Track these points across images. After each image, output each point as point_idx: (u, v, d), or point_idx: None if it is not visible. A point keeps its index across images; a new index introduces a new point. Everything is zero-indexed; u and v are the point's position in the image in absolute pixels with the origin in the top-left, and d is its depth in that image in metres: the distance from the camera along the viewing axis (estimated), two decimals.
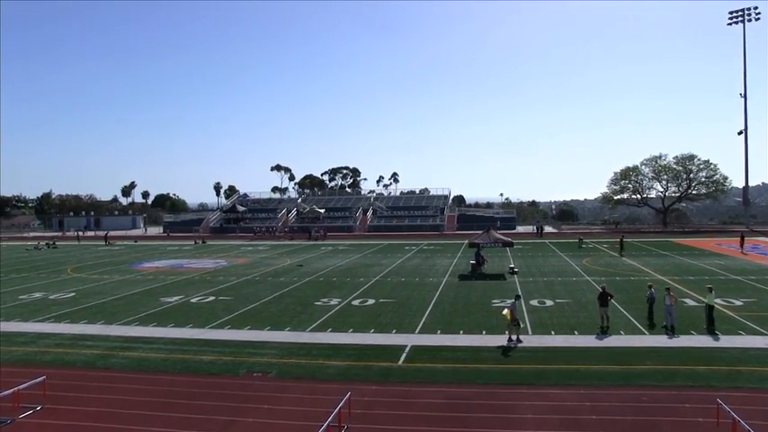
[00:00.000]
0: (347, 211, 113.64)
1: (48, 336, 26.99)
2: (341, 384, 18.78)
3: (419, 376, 19.76)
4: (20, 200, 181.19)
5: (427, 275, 44.47)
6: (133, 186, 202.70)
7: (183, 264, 56.48)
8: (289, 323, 28.34)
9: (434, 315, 29.70)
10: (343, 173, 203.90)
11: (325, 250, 68.86)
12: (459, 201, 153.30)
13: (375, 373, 20.20)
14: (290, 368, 21.08)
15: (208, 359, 22.44)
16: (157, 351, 23.82)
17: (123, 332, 27.32)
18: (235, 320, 29.29)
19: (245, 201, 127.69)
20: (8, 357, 23.50)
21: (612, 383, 18.54)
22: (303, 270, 49.35)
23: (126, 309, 32.88)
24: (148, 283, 43.40)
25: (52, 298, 37.31)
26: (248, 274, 47.50)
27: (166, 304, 34.05)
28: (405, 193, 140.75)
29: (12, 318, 31.22)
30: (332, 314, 30.35)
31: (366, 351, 23.09)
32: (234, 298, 35.67)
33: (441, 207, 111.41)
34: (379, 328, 27.03)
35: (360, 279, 43.03)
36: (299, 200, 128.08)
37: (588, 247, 66.29)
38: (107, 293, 38.48)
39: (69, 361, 22.77)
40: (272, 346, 24.05)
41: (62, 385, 19.45)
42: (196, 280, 44.47)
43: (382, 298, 34.74)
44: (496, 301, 32.70)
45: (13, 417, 16.88)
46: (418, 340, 24.62)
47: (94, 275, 48.38)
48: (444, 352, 22.70)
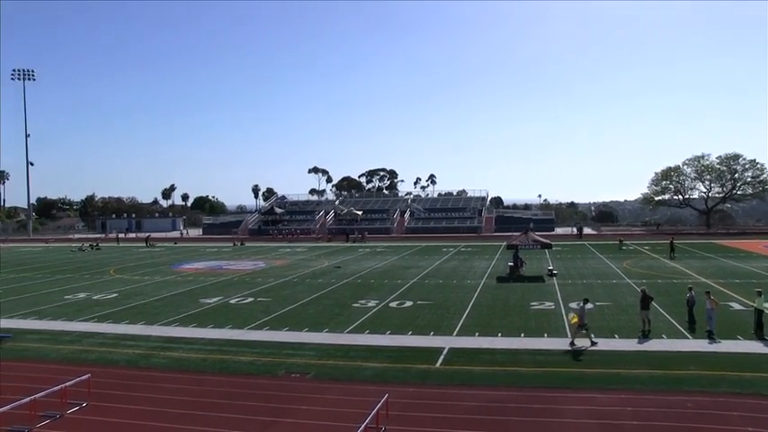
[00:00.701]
0: (384, 212, 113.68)
1: (92, 335, 27.51)
2: (378, 386, 18.77)
3: (457, 379, 19.66)
4: (65, 202, 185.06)
5: (465, 277, 44.28)
6: (173, 189, 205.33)
7: (223, 265, 57.08)
8: (326, 325, 28.44)
9: (472, 317, 29.55)
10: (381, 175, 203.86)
11: (363, 252, 69.01)
12: (496, 202, 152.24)
13: (413, 376, 20.15)
14: (328, 369, 21.14)
15: (247, 360, 22.62)
16: (197, 351, 24.10)
17: (164, 332, 27.71)
18: (273, 322, 29.50)
19: (283, 203, 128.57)
20: (55, 355, 24.08)
21: (655, 388, 18.15)
22: (341, 272, 49.52)
23: (166, 309, 33.34)
24: (188, 284, 43.95)
25: (96, 298, 38.01)
26: (286, 275, 47.81)
27: (206, 305, 34.43)
28: (442, 194, 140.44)
29: (58, 317, 31.89)
30: (369, 316, 30.39)
31: (404, 353, 23.05)
32: (272, 299, 35.92)
33: (478, 209, 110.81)
34: (417, 330, 26.98)
35: (397, 281, 43.01)
36: (337, 202, 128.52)
37: (629, 248, 65.36)
38: (148, 294, 39.07)
39: (112, 360, 23.17)
40: (310, 348, 24.15)
41: (106, 383, 19.80)
42: (235, 281, 44.90)
43: (420, 300, 34.68)
44: (535, 304, 32.44)
45: (62, 412, 17.29)
46: (456, 342, 24.51)
47: (136, 277, 49.16)
48: (482, 355, 22.56)
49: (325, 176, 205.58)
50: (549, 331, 26.06)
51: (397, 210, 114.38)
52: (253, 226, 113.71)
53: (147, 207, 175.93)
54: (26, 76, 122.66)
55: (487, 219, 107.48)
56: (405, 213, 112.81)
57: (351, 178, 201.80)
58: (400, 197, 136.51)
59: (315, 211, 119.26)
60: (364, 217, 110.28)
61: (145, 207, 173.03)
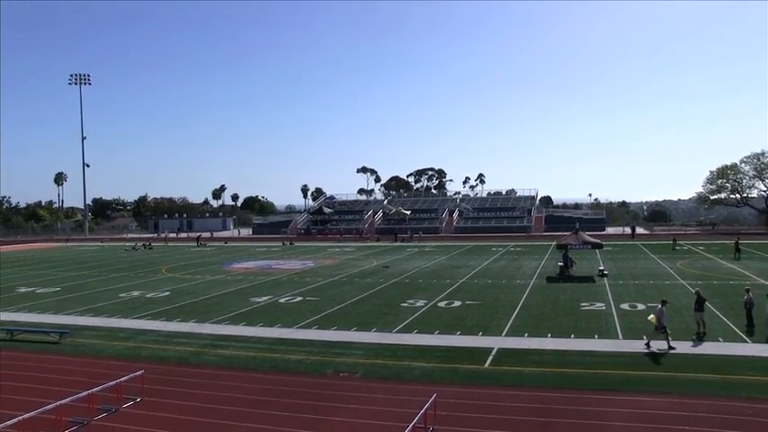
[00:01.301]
0: (433, 212, 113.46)
1: (145, 332, 28.15)
2: (426, 386, 18.79)
3: (506, 380, 19.56)
4: (119, 203, 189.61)
5: (514, 277, 43.98)
6: (223, 189, 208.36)
7: (272, 265, 57.74)
8: (375, 324, 28.57)
9: (521, 318, 29.35)
10: (429, 174, 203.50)
11: (411, 252, 69.03)
12: (546, 201, 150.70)
13: (461, 376, 20.13)
14: (377, 369, 21.25)
15: (296, 358, 22.87)
16: (247, 349, 24.46)
17: (215, 330, 28.19)
18: (322, 321, 29.75)
19: (332, 203, 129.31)
20: (111, 351, 24.75)
21: (710, 393, 17.65)
22: (389, 271, 49.64)
23: (217, 308, 33.90)
24: (238, 283, 44.59)
25: (149, 296, 38.86)
26: (335, 275, 48.13)
27: (256, 304, 34.90)
28: (491, 194, 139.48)
29: (113, 314, 32.72)
30: (418, 316, 30.42)
31: (452, 353, 23.04)
32: (321, 299, 36.22)
33: (528, 208, 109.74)
34: (466, 330, 26.92)
35: (446, 281, 42.94)
36: (385, 201, 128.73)
37: (682, 249, 64.01)
38: (199, 293, 39.78)
39: (165, 357, 23.69)
40: (359, 347, 24.30)
41: (158, 379, 20.29)
42: (284, 281, 45.38)
43: (468, 300, 34.57)
44: (585, 304, 32.05)
45: (117, 406, 17.80)
46: (505, 343, 24.38)
47: (187, 275, 50.08)
48: (531, 355, 22.40)
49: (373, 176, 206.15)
50: (600, 332, 25.72)
51: (445, 209, 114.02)
52: (302, 226, 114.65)
53: (198, 207, 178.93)
54: (82, 81, 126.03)
55: (537, 218, 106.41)
56: (453, 213, 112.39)
57: (399, 178, 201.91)
58: (449, 197, 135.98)
59: (363, 210, 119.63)
60: (412, 216, 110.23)
61: (196, 207, 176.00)
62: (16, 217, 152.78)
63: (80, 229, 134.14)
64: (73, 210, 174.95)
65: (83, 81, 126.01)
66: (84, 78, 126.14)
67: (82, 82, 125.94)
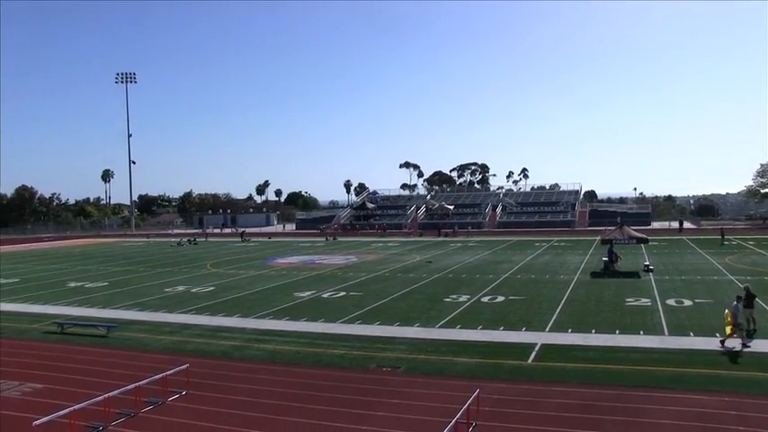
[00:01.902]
0: (476, 207, 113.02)
1: (190, 327, 28.54)
2: (469, 381, 18.69)
3: (549, 376, 19.34)
4: (164, 199, 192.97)
5: (558, 272, 43.52)
6: (267, 185, 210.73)
7: (315, 260, 58.07)
8: (418, 319, 28.52)
9: (565, 313, 29.02)
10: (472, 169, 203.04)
11: (454, 247, 68.81)
12: (590, 196, 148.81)
13: (504, 371, 19.97)
14: (419, 364, 21.21)
15: (339, 353, 22.94)
16: (290, 344, 24.62)
17: (258, 325, 28.44)
18: (365, 316, 29.80)
19: (375, 198, 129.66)
20: (156, 345, 25.14)
21: (761, 392, 17.14)
22: (432, 266, 49.54)
23: (261, 303, 34.20)
24: (282, 278, 44.93)
25: (194, 291, 39.41)
26: (378, 270, 48.20)
27: (299, 299, 35.11)
28: (535, 188, 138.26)
29: (159, 309, 33.25)
30: (461, 311, 30.29)
31: (495, 348, 22.88)
32: (364, 294, 36.30)
33: (571, 203, 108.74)
34: (509, 325, 26.71)
35: (489, 276, 42.69)
36: (428, 197, 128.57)
37: (731, 243, 62.61)
38: (243, 288, 40.18)
39: (209, 351, 23.98)
40: (402, 342, 24.28)
41: (203, 373, 20.52)
42: (327, 276, 45.60)
43: (512, 295, 34.32)
44: (630, 300, 31.56)
45: (163, 399, 18.05)
46: (548, 338, 24.12)
47: (231, 271, 50.65)
48: (575, 351, 22.11)
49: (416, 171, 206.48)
50: (646, 328, 25.27)
51: (488, 204, 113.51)
52: (345, 221, 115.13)
53: (242, 203, 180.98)
54: (128, 79, 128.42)
55: (581, 213, 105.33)
56: (497, 208, 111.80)
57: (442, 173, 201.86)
58: (492, 191, 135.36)
59: (406, 205, 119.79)
60: (455, 212, 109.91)
61: (239, 203, 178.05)
62: (66, 213, 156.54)
63: (127, 225, 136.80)
64: (120, 206, 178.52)
65: (129, 79, 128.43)
66: (130, 77, 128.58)
67: (128, 80, 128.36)
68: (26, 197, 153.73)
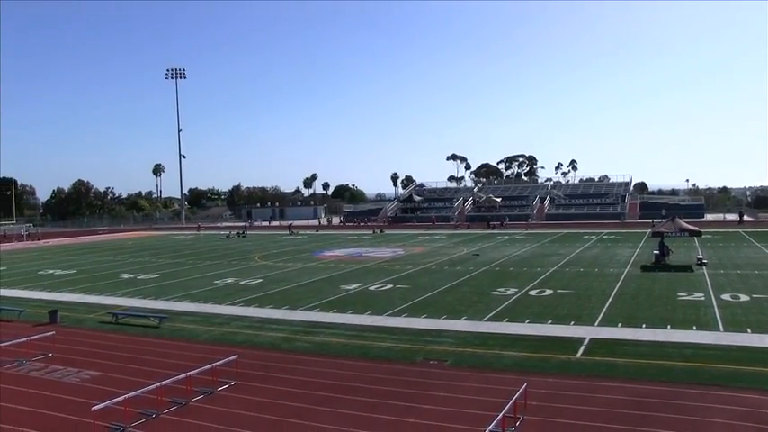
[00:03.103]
0: (524, 199, 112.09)
1: (239, 318, 28.96)
2: (517, 375, 18.59)
3: (598, 370, 19.09)
4: (213, 193, 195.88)
5: (607, 266, 42.88)
6: (314, 178, 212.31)
7: (362, 252, 58.27)
8: (465, 312, 28.44)
9: (615, 307, 28.58)
10: (520, 161, 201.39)
11: (502, 239, 68.36)
12: (641, 188, 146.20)
13: (552, 365, 19.79)
14: (466, 357, 21.16)
15: (385, 346, 23.02)
16: (338, 336, 24.78)
17: (306, 317, 28.69)
18: (411, 308, 29.82)
19: (422, 190, 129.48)
20: (206, 336, 25.60)
21: None
22: (479, 259, 49.29)
23: (308, 295, 34.48)
24: (329, 270, 45.22)
25: (242, 283, 39.93)
26: (425, 262, 48.15)
27: (346, 291, 35.31)
28: (583, 180, 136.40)
29: (209, 300, 33.80)
30: (508, 304, 30.09)
31: (543, 342, 22.68)
32: (411, 286, 36.31)
33: (621, 195, 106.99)
34: (557, 319, 26.44)
35: (537, 269, 42.31)
36: (475, 189, 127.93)
37: None
38: (291, 280, 40.55)
39: (258, 342, 24.30)
40: (448, 335, 24.24)
41: (252, 364, 20.82)
42: (374, 268, 45.74)
43: (560, 288, 33.95)
44: (682, 294, 30.93)
45: (213, 389, 18.40)
46: (598, 333, 23.81)
47: (279, 263, 51.16)
48: (625, 346, 21.75)
49: (463, 163, 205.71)
50: (699, 324, 24.73)
51: (536, 196, 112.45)
52: (392, 214, 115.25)
53: (290, 196, 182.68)
54: (178, 75, 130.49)
55: (631, 205, 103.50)
56: (545, 200, 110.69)
57: (489, 165, 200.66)
58: (540, 183, 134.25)
59: (453, 198, 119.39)
60: (503, 204, 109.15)
61: (287, 196, 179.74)
62: (119, 207, 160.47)
63: (177, 218, 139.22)
64: (170, 200, 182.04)
65: (178, 75, 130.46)
66: (180, 72, 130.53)
67: (177, 76, 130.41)
68: (82, 191, 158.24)
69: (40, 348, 23.47)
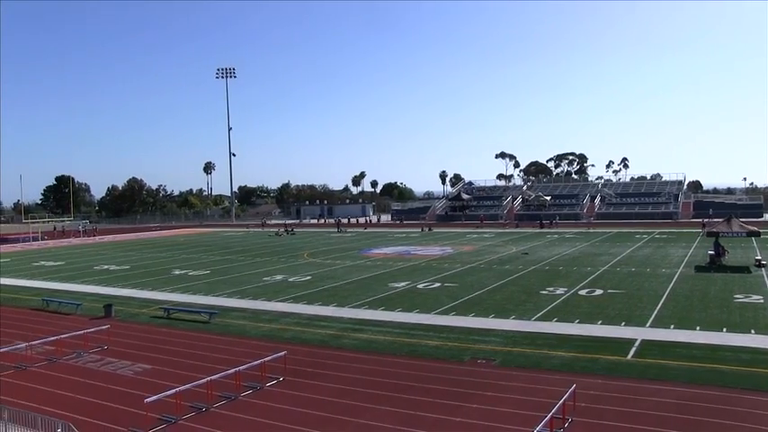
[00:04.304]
0: (574, 198, 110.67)
1: (287, 315, 29.22)
2: (565, 376, 18.38)
3: (649, 373, 18.71)
4: (263, 190, 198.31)
5: (659, 266, 42.04)
6: (363, 176, 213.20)
7: (410, 251, 58.24)
8: (513, 311, 28.22)
9: (667, 308, 28.01)
10: (569, 159, 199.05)
11: (551, 238, 67.62)
12: (695, 186, 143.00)
13: (602, 367, 19.50)
14: (515, 357, 21.00)
15: (433, 344, 22.98)
16: (385, 334, 24.84)
17: (354, 314, 28.81)
18: (460, 307, 29.70)
19: (471, 189, 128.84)
20: (256, 332, 25.91)
21: None
22: (528, 258, 48.84)
23: (356, 292, 34.62)
24: (377, 268, 45.32)
25: (291, 280, 40.28)
26: (473, 261, 47.91)
27: (394, 289, 35.34)
28: (635, 178, 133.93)
29: (258, 297, 34.20)
30: (557, 304, 29.75)
31: (592, 343, 22.35)
32: (459, 285, 36.16)
33: (674, 193, 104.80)
34: (607, 319, 26.04)
35: (587, 268, 41.73)
36: (524, 187, 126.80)
37: None
38: (339, 278, 40.77)
39: (306, 339, 24.50)
40: (497, 334, 24.09)
41: (300, 360, 21.02)
42: (422, 266, 45.67)
43: (610, 288, 33.43)
44: (739, 297, 30.13)
45: (261, 384, 18.67)
46: (649, 334, 23.36)
47: (328, 261, 51.46)
48: (678, 349, 21.28)
49: (512, 161, 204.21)
50: (757, 327, 24.01)
51: (587, 195, 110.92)
52: (440, 212, 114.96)
53: (338, 194, 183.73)
54: (228, 74, 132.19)
55: (684, 204, 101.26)
56: (595, 199, 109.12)
57: (539, 163, 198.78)
58: (590, 182, 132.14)
59: (502, 196, 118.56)
60: (553, 202, 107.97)
61: (336, 194, 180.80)
62: (171, 204, 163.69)
63: (227, 216, 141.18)
64: (221, 197, 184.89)
65: (229, 74, 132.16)
66: (230, 72, 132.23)
67: (228, 75, 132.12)
68: (136, 189, 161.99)
69: (96, 341, 24.23)
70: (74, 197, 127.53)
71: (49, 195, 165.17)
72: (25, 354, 22.65)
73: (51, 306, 33.01)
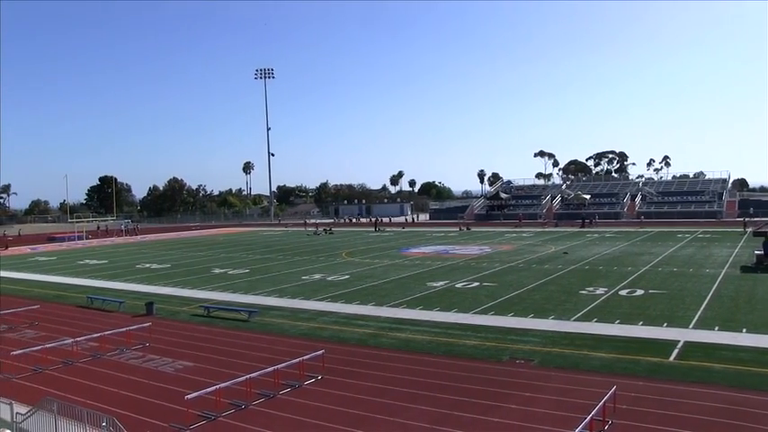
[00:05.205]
0: (613, 197, 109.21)
1: (326, 314, 29.35)
2: (605, 377, 18.13)
3: (693, 376, 18.32)
4: (301, 190, 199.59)
5: (703, 266, 41.23)
6: (401, 175, 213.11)
7: (449, 250, 58.03)
8: (552, 311, 27.94)
9: (711, 309, 27.44)
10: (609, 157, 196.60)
11: (591, 237, 66.80)
12: (740, 185, 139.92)
13: (643, 368, 19.19)
14: (554, 357, 20.80)
15: (471, 344, 22.87)
16: (423, 333, 24.79)
17: (392, 314, 28.81)
18: (498, 307, 29.51)
19: (509, 188, 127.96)
20: (294, 331, 26.08)
21: None
22: (568, 258, 48.32)
23: (394, 292, 34.61)
24: (415, 267, 45.25)
25: (329, 279, 40.45)
26: (512, 260, 47.56)
27: (432, 289, 35.25)
28: (677, 177, 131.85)
29: (296, 296, 34.40)
30: (597, 304, 29.37)
31: (633, 344, 22.01)
32: (497, 284, 35.93)
33: (718, 192, 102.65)
34: (648, 320, 25.61)
35: (627, 268, 41.13)
36: (564, 186, 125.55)
37: None
38: (377, 277, 40.81)
39: (344, 338, 24.58)
40: (535, 334, 23.88)
41: (338, 359, 21.10)
42: (461, 266, 45.49)
43: (652, 289, 32.88)
44: None
45: (300, 383, 18.81)
46: (692, 336, 22.90)
47: (366, 260, 51.55)
48: (723, 351, 20.81)
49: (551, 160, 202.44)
50: None
51: (627, 194, 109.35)
52: (479, 211, 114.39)
53: (376, 193, 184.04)
54: (267, 75, 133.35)
55: (729, 203, 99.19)
56: (636, 197, 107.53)
57: (578, 161, 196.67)
58: (631, 180, 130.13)
59: (541, 195, 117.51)
60: (592, 201, 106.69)
61: (374, 193, 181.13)
62: (210, 204, 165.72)
63: (266, 215, 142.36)
64: (260, 196, 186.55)
65: (267, 75, 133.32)
66: (268, 72, 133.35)
67: (266, 76, 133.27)
68: (176, 189, 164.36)
69: (138, 338, 24.67)
70: (116, 197, 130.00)
71: (93, 195, 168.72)
72: (71, 349, 23.25)
73: (95, 303, 33.71)
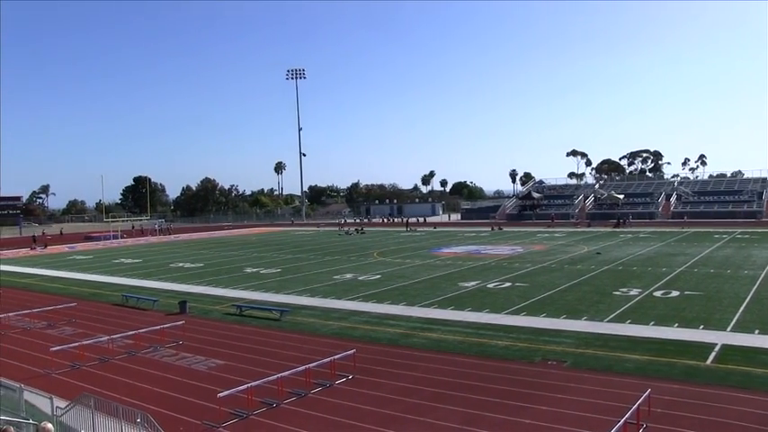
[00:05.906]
0: (648, 196, 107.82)
1: (357, 313, 29.38)
2: (639, 380, 17.85)
3: (730, 380, 17.93)
4: (333, 190, 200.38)
5: (741, 267, 40.44)
6: (432, 175, 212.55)
7: (480, 250, 57.77)
8: (585, 312, 27.63)
9: (751, 312, 26.84)
10: (643, 156, 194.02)
11: (625, 238, 66.02)
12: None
13: (678, 372, 18.84)
14: (586, 359, 20.55)
15: (503, 344, 22.71)
16: (455, 333, 24.69)
17: (423, 314, 28.73)
18: (530, 307, 29.28)
19: (541, 187, 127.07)
20: (326, 330, 26.15)
21: None
22: (601, 258, 47.78)
23: (425, 292, 34.53)
24: (447, 267, 45.10)
25: (361, 279, 40.49)
26: (544, 261, 47.18)
27: (463, 289, 35.10)
28: (713, 176, 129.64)
29: (328, 295, 34.49)
30: (631, 305, 28.98)
31: (668, 346, 21.65)
32: (530, 285, 35.66)
33: (758, 191, 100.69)
34: (684, 322, 25.17)
35: (662, 269, 40.54)
36: (597, 185, 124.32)
37: None
38: (408, 277, 40.74)
39: (375, 337, 24.58)
40: (568, 335, 23.64)
41: (369, 359, 21.11)
42: (492, 266, 45.24)
43: (687, 290, 32.35)
44: None
45: (331, 382, 18.86)
46: (730, 339, 22.42)
47: (397, 260, 51.51)
48: (763, 355, 20.31)
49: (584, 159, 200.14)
50: None
51: (662, 193, 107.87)
52: (510, 211, 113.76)
53: (407, 193, 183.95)
54: (298, 75, 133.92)
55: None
56: (671, 197, 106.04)
57: (611, 161, 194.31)
58: (665, 180, 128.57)
59: (573, 195, 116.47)
60: (625, 201, 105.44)
61: (405, 193, 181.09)
62: (243, 203, 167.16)
63: (298, 215, 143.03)
64: (291, 196, 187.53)
65: (298, 75, 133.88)
66: (300, 73, 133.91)
67: (297, 76, 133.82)
68: (209, 189, 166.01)
69: (172, 336, 25.00)
70: (150, 197, 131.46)
71: (128, 195, 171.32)
72: (107, 346, 23.65)
73: (130, 302, 34.18)
